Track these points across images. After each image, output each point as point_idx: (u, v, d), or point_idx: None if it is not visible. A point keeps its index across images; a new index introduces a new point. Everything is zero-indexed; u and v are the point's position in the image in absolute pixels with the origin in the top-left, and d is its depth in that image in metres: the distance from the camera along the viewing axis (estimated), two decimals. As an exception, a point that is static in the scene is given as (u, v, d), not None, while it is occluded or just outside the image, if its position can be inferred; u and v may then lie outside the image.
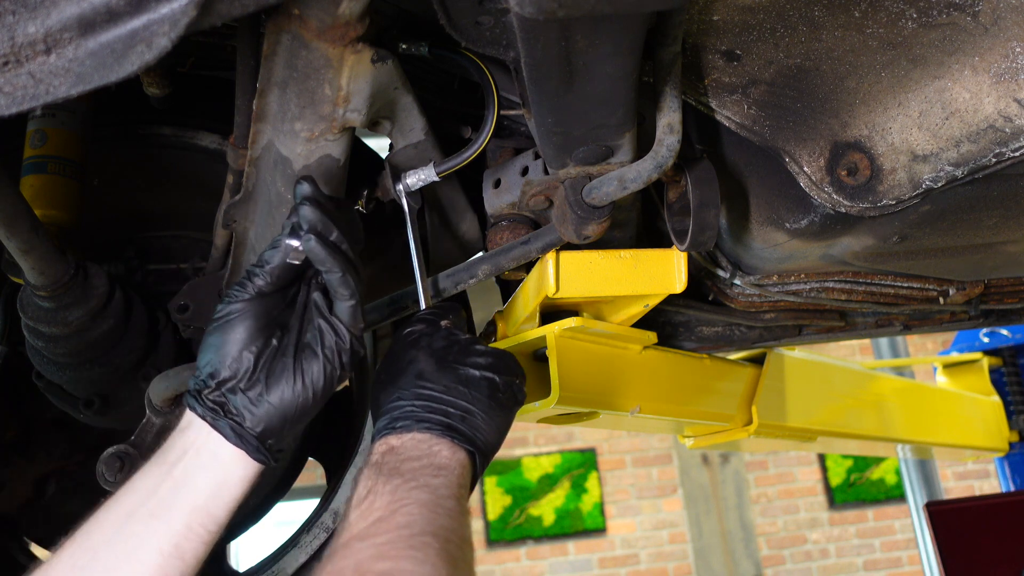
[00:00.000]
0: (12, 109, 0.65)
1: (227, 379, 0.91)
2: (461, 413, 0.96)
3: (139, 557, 0.86)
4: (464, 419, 0.96)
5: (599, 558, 6.71)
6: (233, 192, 1.17)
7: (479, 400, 0.97)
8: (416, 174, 1.12)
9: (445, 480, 0.90)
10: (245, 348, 0.91)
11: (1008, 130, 0.94)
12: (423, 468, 0.90)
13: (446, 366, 0.98)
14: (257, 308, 0.92)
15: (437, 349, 1.00)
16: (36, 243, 1.06)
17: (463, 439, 0.95)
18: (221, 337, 0.91)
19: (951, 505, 3.19)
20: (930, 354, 6.40)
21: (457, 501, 0.88)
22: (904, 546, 6.94)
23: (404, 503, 0.84)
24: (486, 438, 0.97)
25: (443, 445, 0.94)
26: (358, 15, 0.85)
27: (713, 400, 1.65)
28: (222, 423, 0.90)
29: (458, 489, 0.90)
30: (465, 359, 0.99)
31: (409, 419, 0.95)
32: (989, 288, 1.56)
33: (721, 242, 1.32)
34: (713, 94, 1.06)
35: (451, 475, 0.91)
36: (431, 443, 0.94)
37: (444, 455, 0.93)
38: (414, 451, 0.92)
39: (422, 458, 0.92)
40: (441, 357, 0.99)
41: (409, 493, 0.85)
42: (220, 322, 0.92)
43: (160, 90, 1.27)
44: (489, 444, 0.98)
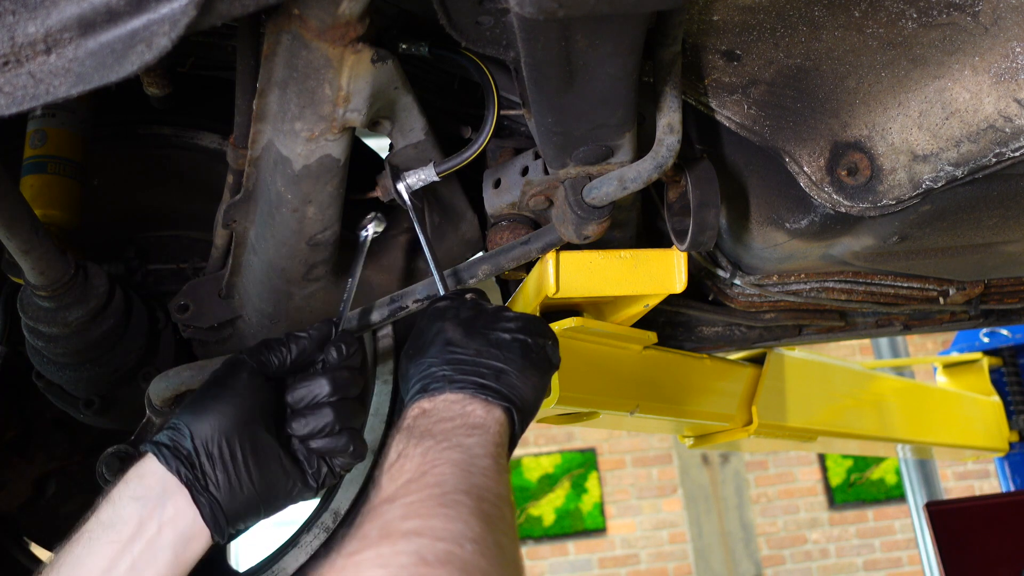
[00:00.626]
0: (12, 109, 0.65)
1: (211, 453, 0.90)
2: (495, 372, 0.93)
3: None
4: (499, 378, 0.93)
5: (599, 558, 6.71)
6: (233, 192, 1.17)
7: (512, 360, 0.94)
8: (416, 174, 1.12)
9: (480, 439, 0.86)
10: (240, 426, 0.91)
11: (1008, 130, 0.94)
12: (456, 428, 0.86)
13: (476, 332, 0.96)
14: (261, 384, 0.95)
15: (465, 318, 0.98)
16: (36, 243, 1.06)
17: (498, 396, 0.92)
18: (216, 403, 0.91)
19: (951, 505, 3.19)
20: (930, 354, 6.40)
21: (494, 460, 0.84)
22: (904, 546, 6.94)
23: (435, 464, 0.80)
24: (523, 395, 0.94)
25: (477, 404, 0.90)
26: (358, 15, 0.85)
27: (713, 400, 1.65)
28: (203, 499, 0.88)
29: (495, 448, 0.86)
30: (495, 324, 0.97)
31: (441, 381, 0.93)
32: (989, 288, 1.56)
33: (721, 242, 1.32)
34: (713, 94, 1.06)
35: (487, 434, 0.87)
36: (464, 403, 0.91)
37: (479, 414, 0.89)
38: (447, 412, 0.89)
39: (455, 418, 0.88)
40: (470, 324, 0.97)
41: (441, 454, 0.81)
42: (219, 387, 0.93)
43: (160, 90, 1.27)
44: (526, 402, 0.95)
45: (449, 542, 0.68)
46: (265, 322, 1.32)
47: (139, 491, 0.89)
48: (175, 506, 0.88)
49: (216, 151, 1.38)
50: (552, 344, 1.00)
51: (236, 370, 0.95)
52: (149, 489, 0.88)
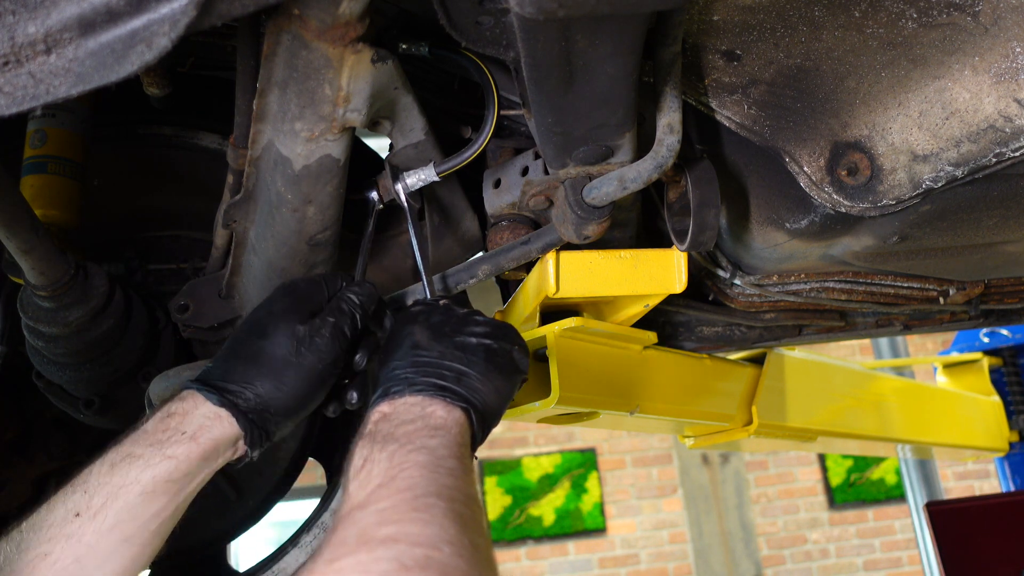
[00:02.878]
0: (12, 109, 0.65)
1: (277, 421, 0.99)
2: (456, 375, 0.95)
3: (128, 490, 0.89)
4: (459, 380, 0.95)
5: (599, 558, 6.71)
6: (233, 192, 1.17)
7: (475, 363, 0.96)
8: (416, 174, 1.12)
9: (443, 440, 0.87)
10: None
11: (1008, 130, 0.94)
12: (418, 431, 0.88)
13: (442, 335, 0.98)
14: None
15: (434, 322, 1.00)
16: (36, 243, 1.06)
17: (457, 398, 0.93)
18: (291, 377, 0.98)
19: (951, 505, 3.19)
20: (930, 354, 6.40)
21: (459, 460, 0.86)
22: (904, 546, 6.94)
23: (403, 467, 0.81)
24: (483, 399, 0.95)
25: (437, 406, 0.92)
26: (358, 15, 0.85)
27: (713, 400, 1.65)
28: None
29: (458, 448, 0.88)
30: (462, 328, 0.99)
31: (402, 384, 0.94)
32: (989, 288, 1.56)
33: (721, 242, 1.32)
34: (713, 94, 1.06)
35: (449, 435, 0.89)
36: (424, 405, 0.92)
37: (439, 415, 0.91)
38: (407, 415, 0.91)
39: (416, 420, 0.90)
40: (437, 328, 0.99)
41: (407, 456, 0.83)
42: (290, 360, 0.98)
43: (160, 90, 1.27)
44: (487, 404, 0.96)
45: (427, 546, 0.69)
46: (265, 322, 1.32)
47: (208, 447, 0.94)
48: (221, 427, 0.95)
49: (216, 151, 1.38)
50: (519, 350, 1.02)
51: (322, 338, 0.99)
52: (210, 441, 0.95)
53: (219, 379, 0.96)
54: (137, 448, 0.91)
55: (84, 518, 0.87)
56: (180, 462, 0.91)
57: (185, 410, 0.94)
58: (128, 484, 0.89)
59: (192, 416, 0.93)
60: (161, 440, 0.92)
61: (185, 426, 0.93)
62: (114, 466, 0.90)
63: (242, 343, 0.99)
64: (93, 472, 0.90)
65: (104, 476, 0.89)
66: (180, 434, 0.92)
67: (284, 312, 0.99)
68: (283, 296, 1.02)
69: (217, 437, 0.93)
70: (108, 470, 0.90)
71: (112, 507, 0.88)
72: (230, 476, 1.52)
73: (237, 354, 0.98)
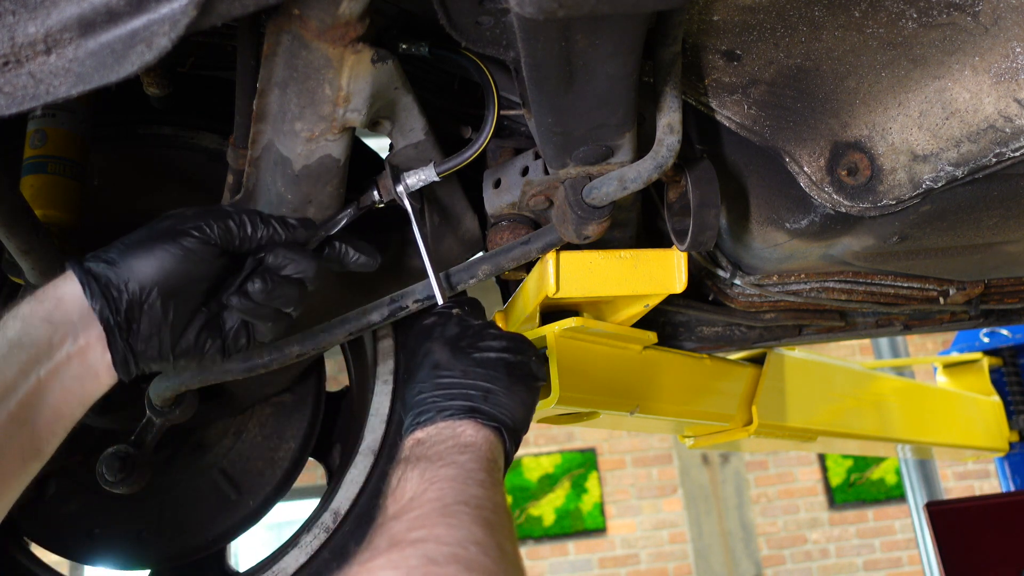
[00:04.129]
0: (12, 109, 0.65)
1: (141, 303, 0.87)
2: (482, 393, 0.97)
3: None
4: (486, 398, 0.97)
5: (599, 558, 6.71)
6: (233, 192, 1.17)
7: (498, 379, 0.98)
8: (416, 174, 1.12)
9: (472, 455, 0.90)
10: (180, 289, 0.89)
11: (1008, 130, 0.94)
12: (448, 450, 0.90)
13: (460, 352, 0.99)
14: (214, 255, 0.93)
15: (450, 337, 1.01)
16: (36, 243, 1.06)
17: (486, 417, 0.95)
18: (166, 257, 0.88)
19: (951, 505, 3.19)
20: (930, 354, 6.40)
21: (488, 473, 0.88)
22: (904, 546, 6.94)
23: (433, 481, 0.84)
24: (512, 413, 0.98)
25: (467, 426, 0.94)
26: (358, 15, 0.85)
27: (713, 400, 1.65)
28: (119, 346, 0.86)
29: (487, 463, 0.90)
30: (479, 343, 1.00)
31: (431, 410, 0.96)
32: (989, 288, 1.56)
33: (721, 242, 1.32)
34: (713, 94, 1.06)
35: (478, 451, 0.91)
36: (455, 427, 0.94)
37: (468, 434, 0.93)
38: (439, 437, 0.93)
39: (447, 440, 0.92)
40: (455, 344, 1.00)
41: (437, 472, 0.86)
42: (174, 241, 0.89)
43: (160, 90, 1.27)
44: (516, 418, 0.98)
45: (454, 545, 0.72)
46: (265, 322, 1.32)
47: (56, 315, 0.84)
48: (87, 339, 0.86)
49: (216, 151, 1.38)
50: (536, 360, 1.04)
51: (199, 231, 0.91)
52: (66, 315, 0.85)
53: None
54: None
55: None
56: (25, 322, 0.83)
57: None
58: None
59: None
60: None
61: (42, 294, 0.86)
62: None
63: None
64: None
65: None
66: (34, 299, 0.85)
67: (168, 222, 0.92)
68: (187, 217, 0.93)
69: (61, 295, 0.85)
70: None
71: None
72: (230, 476, 1.52)
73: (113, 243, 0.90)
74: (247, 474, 1.53)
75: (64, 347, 0.84)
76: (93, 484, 1.29)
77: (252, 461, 1.53)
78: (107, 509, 1.45)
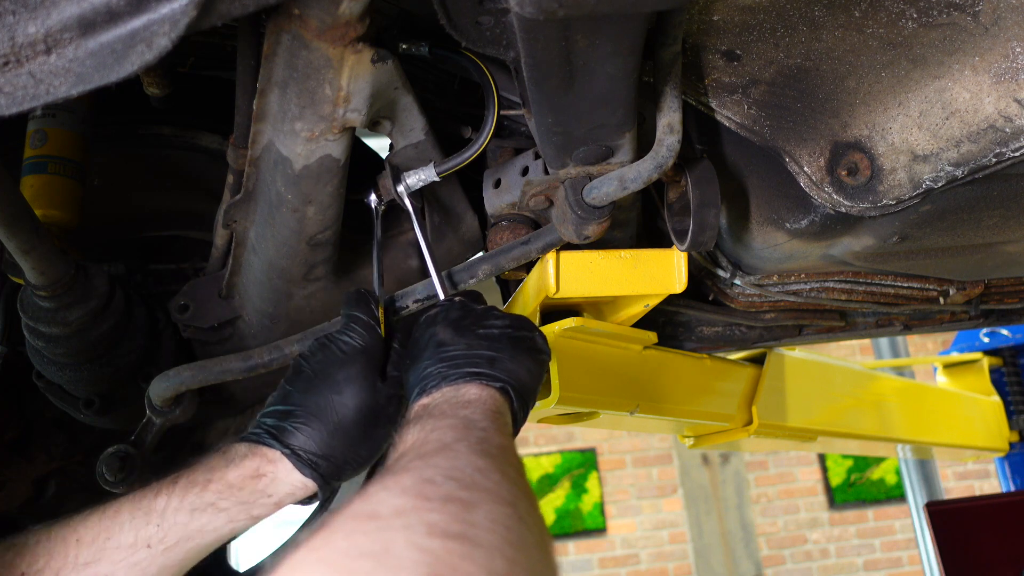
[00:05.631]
0: (12, 109, 0.65)
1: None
2: (487, 360, 0.96)
3: None
4: (492, 364, 0.96)
5: (599, 558, 6.71)
6: (233, 192, 1.17)
7: (502, 349, 0.97)
8: (416, 174, 1.12)
9: (475, 409, 0.88)
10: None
11: (1008, 130, 0.94)
12: (452, 406, 0.90)
13: (464, 330, 0.99)
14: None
15: (454, 319, 1.01)
16: (36, 243, 1.06)
17: (492, 379, 0.95)
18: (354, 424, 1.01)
19: (951, 505, 3.19)
20: (930, 354, 6.40)
21: (492, 422, 0.86)
22: (904, 546, 6.94)
23: (434, 430, 0.82)
24: (518, 376, 0.96)
25: (471, 386, 0.94)
26: (358, 15, 0.85)
27: (713, 400, 1.65)
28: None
29: (492, 414, 0.88)
30: (484, 321, 1.00)
31: (436, 379, 0.96)
32: (989, 288, 1.56)
33: (721, 242, 1.32)
34: (713, 94, 1.06)
35: (482, 405, 0.90)
36: (459, 388, 0.94)
37: (472, 392, 0.93)
38: (442, 398, 0.93)
39: (450, 399, 0.92)
40: (459, 324, 1.00)
41: (438, 423, 0.84)
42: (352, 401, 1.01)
43: (160, 90, 1.27)
44: (522, 382, 0.97)
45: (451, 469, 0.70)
46: (265, 322, 1.32)
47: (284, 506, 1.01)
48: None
49: (216, 151, 1.38)
50: (540, 337, 1.03)
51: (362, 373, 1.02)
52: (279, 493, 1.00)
53: (304, 449, 0.99)
54: (223, 501, 0.96)
55: (155, 551, 0.93)
56: (260, 520, 0.99)
57: (275, 475, 0.98)
58: (207, 531, 0.95)
59: (280, 483, 0.98)
60: (248, 501, 0.97)
61: (272, 490, 0.98)
62: (195, 512, 0.95)
63: (322, 408, 1.01)
64: (169, 509, 0.95)
65: (182, 517, 0.94)
66: (267, 497, 0.98)
67: (360, 378, 1.02)
68: (358, 355, 1.03)
69: (298, 497, 1.01)
70: (188, 512, 0.95)
71: (184, 547, 0.95)
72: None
73: (318, 418, 1.00)
74: (247, 474, 1.52)
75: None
76: (93, 484, 1.29)
77: (252, 461, 1.52)
78: (107, 509, 1.45)
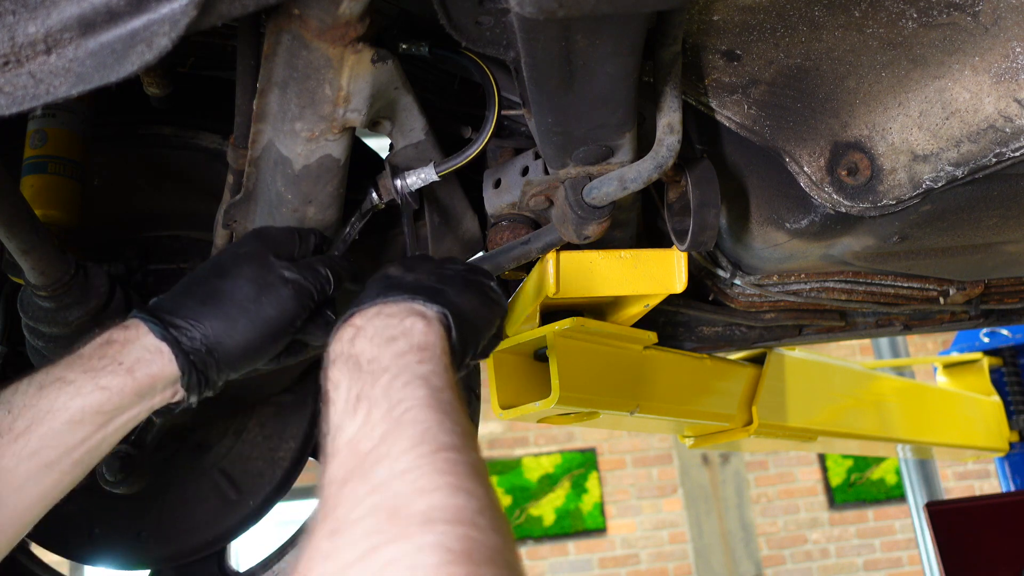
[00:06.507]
0: (12, 109, 0.65)
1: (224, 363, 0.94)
2: (431, 290, 0.89)
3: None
4: (434, 294, 0.88)
5: (599, 558, 6.71)
6: (233, 192, 1.17)
7: (451, 284, 0.91)
8: (416, 174, 1.13)
9: (433, 366, 0.79)
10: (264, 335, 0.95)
11: (1008, 130, 0.94)
12: (404, 354, 0.79)
13: (417, 268, 0.94)
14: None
15: (408, 263, 0.97)
16: (36, 243, 1.06)
17: (431, 300, 0.87)
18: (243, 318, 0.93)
19: (951, 505, 3.20)
20: (930, 354, 6.40)
21: (452, 389, 0.77)
22: (904, 546, 6.94)
23: (406, 407, 0.72)
24: (460, 309, 0.89)
25: (415, 317, 0.84)
26: (358, 15, 0.85)
27: (713, 400, 1.65)
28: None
29: (446, 372, 0.80)
30: (440, 264, 0.96)
31: (372, 296, 0.88)
32: (989, 288, 1.56)
33: (721, 242, 1.32)
34: (713, 94, 1.06)
35: (435, 354, 0.81)
36: (402, 316, 0.84)
37: (419, 328, 0.83)
38: (386, 330, 0.82)
39: (398, 339, 0.81)
40: (412, 263, 0.96)
41: (404, 391, 0.74)
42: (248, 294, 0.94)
43: (160, 90, 1.27)
44: (464, 314, 0.89)
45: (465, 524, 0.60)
46: (265, 322, 1.32)
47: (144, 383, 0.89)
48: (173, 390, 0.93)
49: (216, 151, 1.38)
50: (496, 285, 0.98)
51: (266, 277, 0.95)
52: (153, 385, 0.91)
53: (167, 312, 0.90)
54: (70, 373, 0.86)
55: (5, 440, 0.82)
56: (112, 394, 0.86)
57: (126, 339, 0.89)
58: (55, 410, 0.84)
59: (132, 347, 0.88)
60: (95, 368, 0.86)
61: (123, 356, 0.88)
62: (43, 388, 0.85)
63: (200, 280, 0.94)
64: (19, 391, 0.85)
65: (31, 398, 0.84)
66: (117, 364, 0.87)
67: (249, 255, 0.95)
68: (252, 239, 0.98)
69: (154, 373, 0.89)
70: (36, 391, 0.85)
71: (36, 431, 0.83)
72: (230, 476, 1.52)
73: (192, 290, 0.93)
74: (247, 474, 1.53)
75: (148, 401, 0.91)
76: (93, 484, 1.29)
77: (252, 461, 1.53)
78: (107, 509, 1.45)
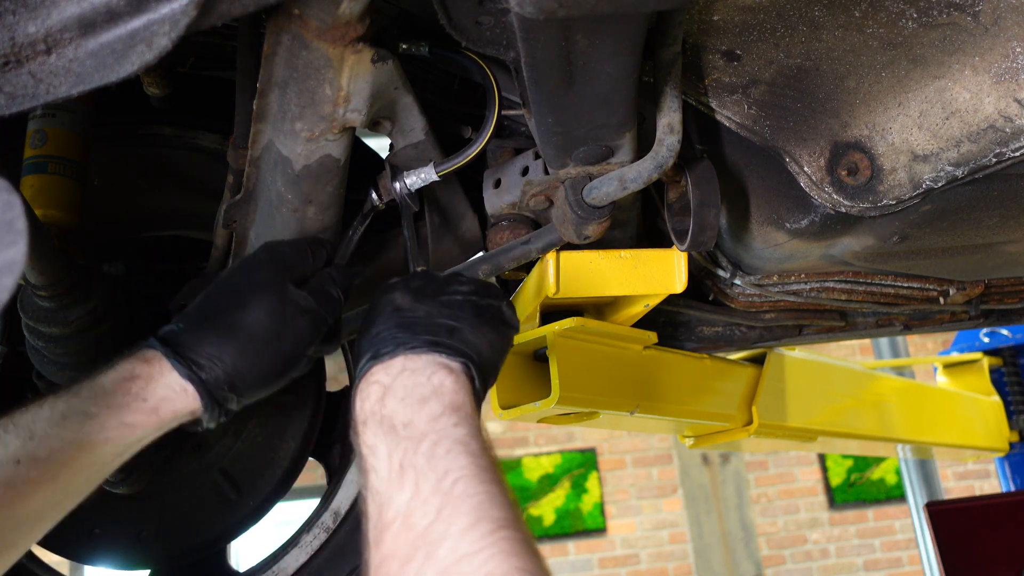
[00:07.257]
0: (12, 109, 0.65)
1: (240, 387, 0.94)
2: (448, 329, 0.89)
3: None
4: (451, 334, 0.89)
5: (599, 558, 6.71)
6: (233, 192, 1.17)
7: (464, 318, 0.91)
8: (416, 174, 1.13)
9: (467, 428, 0.81)
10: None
11: (1008, 130, 0.94)
12: (439, 416, 0.81)
13: (425, 296, 0.93)
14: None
15: (415, 287, 0.95)
16: (36, 243, 1.06)
17: (454, 352, 0.88)
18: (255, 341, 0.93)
19: (951, 505, 3.19)
20: (930, 354, 6.40)
21: (488, 452, 0.80)
22: (904, 546, 6.94)
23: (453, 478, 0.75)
24: (480, 351, 0.90)
25: (440, 372, 0.86)
26: (358, 15, 0.85)
27: (713, 400, 1.65)
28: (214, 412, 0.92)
29: (480, 433, 0.82)
30: (446, 288, 0.95)
31: (391, 344, 0.88)
32: (989, 288, 1.56)
33: (721, 242, 1.32)
34: (713, 94, 1.06)
35: (467, 414, 0.83)
36: (429, 373, 0.86)
37: (448, 387, 0.85)
38: (415, 390, 0.84)
39: (430, 400, 0.83)
40: (419, 291, 0.94)
41: (447, 460, 0.77)
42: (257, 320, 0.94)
43: (160, 90, 1.27)
44: (483, 357, 0.90)
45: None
46: (265, 322, 1.32)
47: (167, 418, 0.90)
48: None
49: (216, 151, 1.38)
50: (507, 305, 0.98)
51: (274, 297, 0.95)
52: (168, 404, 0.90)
53: (188, 348, 0.91)
54: (93, 407, 0.85)
55: (25, 467, 0.81)
56: (136, 429, 0.87)
57: (149, 375, 0.89)
58: (79, 443, 0.84)
59: (155, 385, 0.88)
60: (119, 404, 0.86)
61: (147, 394, 0.88)
62: (65, 418, 0.84)
63: (219, 310, 0.94)
64: (40, 418, 0.83)
65: (53, 427, 0.83)
66: (141, 401, 0.87)
67: (267, 284, 0.94)
68: (267, 261, 0.97)
69: (178, 409, 0.89)
70: (59, 420, 0.83)
71: (57, 460, 0.82)
72: (230, 476, 1.52)
73: (210, 321, 0.93)
74: (247, 474, 1.53)
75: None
76: (93, 484, 1.29)
77: (252, 461, 1.53)
78: (107, 509, 1.45)
